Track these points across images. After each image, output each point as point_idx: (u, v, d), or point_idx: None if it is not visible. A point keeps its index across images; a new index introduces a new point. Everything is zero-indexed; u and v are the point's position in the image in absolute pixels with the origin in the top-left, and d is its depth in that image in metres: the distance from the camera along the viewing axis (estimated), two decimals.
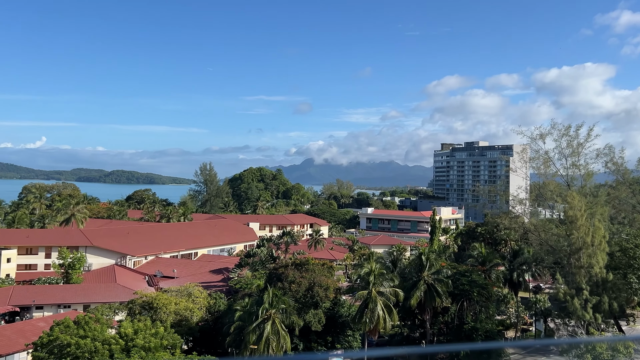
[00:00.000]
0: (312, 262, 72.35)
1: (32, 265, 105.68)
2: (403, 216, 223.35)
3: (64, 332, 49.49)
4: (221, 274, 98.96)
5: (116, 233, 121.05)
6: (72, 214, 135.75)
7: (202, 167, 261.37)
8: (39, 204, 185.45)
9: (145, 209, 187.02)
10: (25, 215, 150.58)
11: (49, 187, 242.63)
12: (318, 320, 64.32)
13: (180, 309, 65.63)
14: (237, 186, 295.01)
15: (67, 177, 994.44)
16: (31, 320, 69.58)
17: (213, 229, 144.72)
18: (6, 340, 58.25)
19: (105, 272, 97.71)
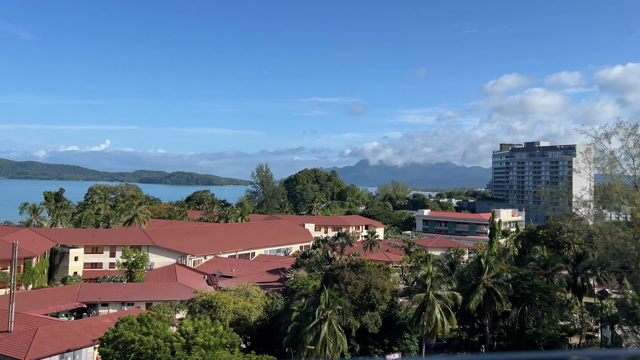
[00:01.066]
0: (368, 264, 72.09)
1: (97, 263, 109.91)
2: (461, 218, 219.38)
3: (128, 328, 51.22)
4: (278, 274, 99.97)
5: (177, 233, 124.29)
6: (135, 215, 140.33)
7: (258, 168, 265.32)
8: (103, 204, 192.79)
9: (204, 209, 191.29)
10: (91, 216, 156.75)
11: (113, 189, 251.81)
12: (375, 323, 64.02)
13: (239, 308, 66.69)
14: (293, 187, 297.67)
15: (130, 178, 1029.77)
16: (97, 317, 72.33)
17: (270, 230, 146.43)
18: (75, 335, 60.75)
19: (167, 271, 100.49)
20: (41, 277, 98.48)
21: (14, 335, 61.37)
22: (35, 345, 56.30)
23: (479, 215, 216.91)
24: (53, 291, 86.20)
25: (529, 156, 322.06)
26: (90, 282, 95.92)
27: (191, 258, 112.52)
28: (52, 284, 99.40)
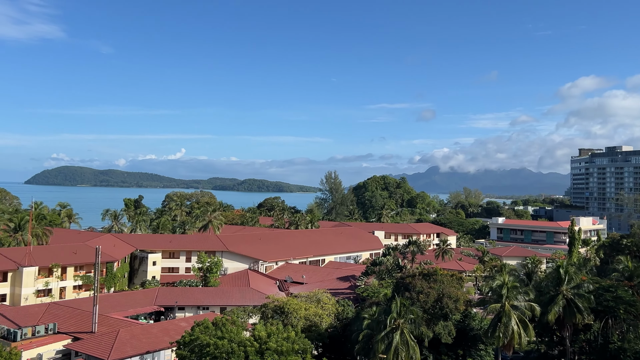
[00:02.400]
0: (440, 273, 70.69)
1: (174, 268, 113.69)
2: (538, 226, 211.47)
3: (203, 332, 52.56)
4: (348, 282, 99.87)
5: (249, 239, 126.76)
6: (209, 221, 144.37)
7: (327, 175, 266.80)
8: (179, 211, 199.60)
9: (275, 216, 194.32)
10: (168, 222, 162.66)
11: (189, 195, 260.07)
12: (448, 333, 62.66)
13: (310, 314, 67.07)
14: (362, 194, 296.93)
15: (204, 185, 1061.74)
16: (174, 320, 74.66)
17: (339, 237, 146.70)
18: (153, 338, 62.96)
19: (240, 276, 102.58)
20: (122, 280, 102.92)
21: (97, 336, 64.39)
22: (117, 346, 58.76)
23: (557, 224, 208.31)
24: (133, 294, 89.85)
25: (610, 161, 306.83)
26: (168, 286, 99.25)
27: (263, 264, 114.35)
28: (132, 287, 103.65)
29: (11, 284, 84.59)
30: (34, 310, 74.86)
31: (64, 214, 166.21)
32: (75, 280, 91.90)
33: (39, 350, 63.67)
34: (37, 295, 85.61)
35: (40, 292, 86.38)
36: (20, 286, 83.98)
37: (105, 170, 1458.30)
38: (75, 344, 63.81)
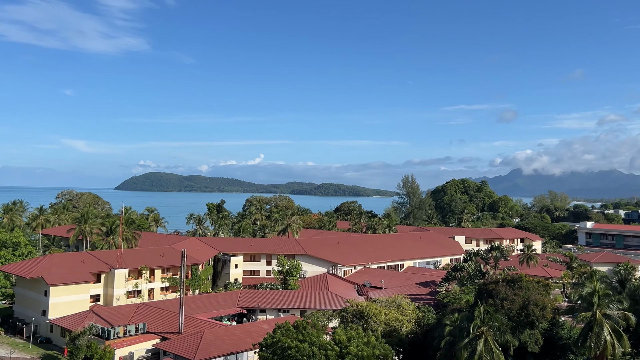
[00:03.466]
0: (525, 279, 68.12)
1: (255, 271, 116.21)
2: (631, 231, 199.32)
3: (285, 335, 53.33)
4: (428, 287, 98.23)
5: (327, 243, 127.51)
6: (288, 224, 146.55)
7: (404, 179, 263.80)
8: (259, 215, 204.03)
9: (352, 220, 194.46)
10: (249, 225, 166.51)
11: (268, 200, 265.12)
12: (535, 341, 60.26)
13: (390, 319, 66.53)
14: (440, 198, 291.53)
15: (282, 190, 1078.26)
16: (256, 322, 76.28)
17: (418, 241, 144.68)
18: (236, 339, 64.60)
19: (319, 279, 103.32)
20: (206, 283, 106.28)
21: (184, 336, 66.87)
22: (202, 346, 60.72)
23: None
24: (216, 296, 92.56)
25: None
26: (249, 288, 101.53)
27: (341, 268, 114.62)
28: (216, 289, 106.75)
29: (104, 285, 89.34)
30: (125, 310, 78.74)
31: (152, 218, 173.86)
32: (163, 282, 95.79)
33: (130, 349, 66.86)
34: (127, 296, 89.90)
35: (130, 293, 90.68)
36: (112, 287, 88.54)
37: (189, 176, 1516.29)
38: (163, 343, 66.53)
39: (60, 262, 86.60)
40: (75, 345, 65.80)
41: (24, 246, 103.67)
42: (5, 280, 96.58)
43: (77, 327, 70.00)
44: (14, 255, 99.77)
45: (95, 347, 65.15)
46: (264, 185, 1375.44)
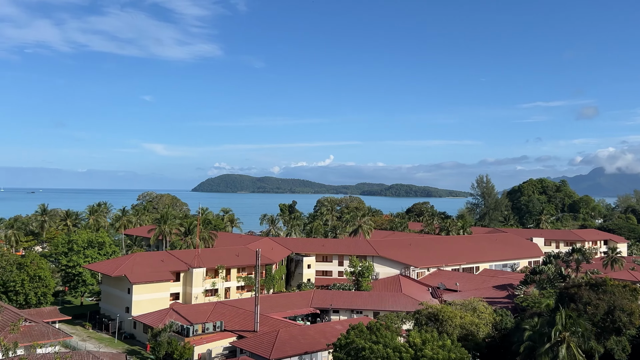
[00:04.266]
0: (610, 283, 64.87)
1: (327, 271, 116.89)
2: None
3: (358, 336, 53.31)
4: (505, 290, 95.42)
5: (399, 244, 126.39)
6: (359, 225, 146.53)
7: (478, 179, 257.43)
8: (330, 215, 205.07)
9: (424, 221, 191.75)
10: (320, 226, 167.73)
11: (338, 201, 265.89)
12: (622, 349, 57.35)
13: (466, 323, 65.11)
14: (517, 199, 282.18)
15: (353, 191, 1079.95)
16: (329, 323, 76.71)
17: (494, 243, 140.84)
18: (310, 339, 65.20)
19: (391, 281, 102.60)
20: (280, 282, 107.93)
21: (259, 335, 68.19)
22: (277, 345, 61.70)
23: None
24: (290, 296, 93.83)
25: None
26: (322, 289, 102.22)
27: (414, 270, 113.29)
28: (289, 289, 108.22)
29: (183, 283, 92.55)
30: (203, 308, 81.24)
31: (227, 219, 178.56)
32: (239, 281, 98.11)
33: (208, 346, 68.92)
34: (205, 295, 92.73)
35: (208, 291, 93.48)
36: (191, 286, 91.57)
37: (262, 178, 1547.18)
38: (239, 341, 68.13)
39: (142, 261, 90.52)
40: (157, 342, 68.56)
41: (109, 246, 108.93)
42: (92, 278, 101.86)
43: (159, 324, 72.93)
44: (99, 254, 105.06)
45: (175, 343, 67.62)
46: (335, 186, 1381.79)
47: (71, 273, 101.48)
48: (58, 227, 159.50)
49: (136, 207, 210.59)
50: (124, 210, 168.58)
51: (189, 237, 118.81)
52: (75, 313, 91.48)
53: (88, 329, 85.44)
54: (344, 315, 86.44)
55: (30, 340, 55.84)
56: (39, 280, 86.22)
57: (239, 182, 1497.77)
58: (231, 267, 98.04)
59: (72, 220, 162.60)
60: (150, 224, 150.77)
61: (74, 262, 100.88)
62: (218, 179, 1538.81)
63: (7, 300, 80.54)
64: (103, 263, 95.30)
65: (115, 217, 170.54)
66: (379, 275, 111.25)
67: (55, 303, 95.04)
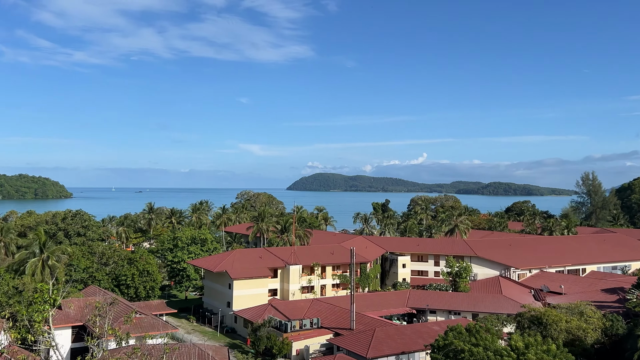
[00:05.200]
0: None
1: (423, 271, 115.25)
2: None
3: (457, 337, 52.08)
4: (615, 294, 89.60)
5: (498, 244, 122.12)
6: (455, 225, 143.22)
7: (583, 176, 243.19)
8: (425, 214, 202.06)
9: (525, 221, 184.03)
10: (415, 225, 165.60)
11: (433, 199, 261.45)
12: None
13: (572, 327, 61.93)
14: (627, 197, 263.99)
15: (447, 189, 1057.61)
16: (426, 323, 75.62)
17: (602, 244, 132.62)
18: (407, 339, 64.57)
19: (490, 282, 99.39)
20: (375, 281, 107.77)
21: (355, 333, 68.45)
22: (374, 344, 61.64)
23: None
24: (385, 295, 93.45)
25: None
26: (418, 289, 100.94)
27: (515, 271, 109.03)
28: (384, 288, 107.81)
29: (280, 280, 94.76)
30: (300, 305, 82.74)
31: (321, 217, 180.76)
32: (334, 278, 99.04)
33: (306, 342, 70.11)
34: (301, 292, 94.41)
35: (304, 288, 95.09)
36: (288, 282, 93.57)
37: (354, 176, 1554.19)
38: (336, 339, 68.72)
39: (242, 258, 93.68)
40: (256, 336, 70.67)
41: (210, 242, 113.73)
42: (195, 274, 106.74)
43: (258, 319, 75.11)
44: (202, 250, 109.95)
45: (274, 338, 69.35)
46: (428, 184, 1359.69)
47: (176, 268, 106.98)
48: (164, 224, 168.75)
49: (235, 206, 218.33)
50: (223, 209, 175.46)
51: (285, 234, 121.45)
52: (181, 307, 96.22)
53: (192, 322, 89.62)
54: (441, 316, 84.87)
55: (141, 331, 59.48)
56: (147, 274, 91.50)
57: (331, 181, 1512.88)
58: (326, 265, 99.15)
59: (177, 218, 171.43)
60: (249, 222, 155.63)
61: (178, 258, 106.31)
62: (311, 178, 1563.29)
63: (119, 293, 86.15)
64: (205, 259, 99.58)
65: (215, 214, 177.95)
66: (477, 276, 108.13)
67: (162, 297, 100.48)
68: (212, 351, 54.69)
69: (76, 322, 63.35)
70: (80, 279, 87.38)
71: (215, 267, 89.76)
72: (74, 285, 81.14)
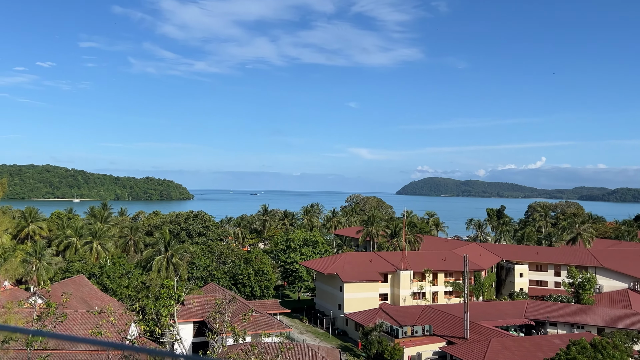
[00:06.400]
0: None
1: (542, 281, 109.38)
2: None
3: (580, 353, 48.92)
4: None
5: (627, 255, 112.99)
6: (578, 233, 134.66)
7: None
8: (544, 222, 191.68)
9: None
10: (533, 233, 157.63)
11: (552, 206, 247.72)
12: None
13: None
14: None
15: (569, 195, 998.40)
16: (546, 336, 71.58)
17: None
18: (525, 351, 61.54)
19: (618, 295, 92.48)
20: (489, 290, 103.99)
21: (469, 342, 66.43)
22: (489, 355, 59.44)
23: None
24: (501, 305, 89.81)
25: None
26: (536, 299, 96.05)
27: None
28: (500, 297, 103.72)
29: (391, 284, 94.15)
30: (412, 311, 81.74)
31: (432, 222, 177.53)
32: (446, 286, 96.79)
33: (417, 349, 69.14)
34: (413, 297, 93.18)
35: (415, 294, 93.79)
36: (398, 287, 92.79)
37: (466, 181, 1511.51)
38: (449, 347, 67.13)
39: (352, 261, 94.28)
40: (368, 340, 70.73)
41: (321, 245, 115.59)
42: (307, 275, 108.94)
43: (369, 323, 75.18)
44: (313, 252, 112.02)
45: (385, 343, 69.01)
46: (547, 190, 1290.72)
47: (289, 269, 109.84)
48: (277, 225, 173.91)
49: (345, 209, 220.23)
50: (334, 212, 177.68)
51: (395, 239, 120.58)
52: (293, 307, 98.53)
53: (305, 323, 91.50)
54: (562, 329, 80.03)
55: (256, 329, 61.69)
56: (262, 274, 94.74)
57: (442, 186, 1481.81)
58: (438, 271, 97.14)
59: (289, 220, 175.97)
60: (358, 225, 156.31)
61: (291, 259, 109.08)
62: (421, 182, 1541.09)
63: (236, 291, 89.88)
64: (317, 261, 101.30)
65: (326, 217, 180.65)
66: (603, 288, 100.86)
67: (276, 296, 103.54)
68: (324, 352, 55.47)
69: (197, 317, 66.89)
70: (201, 276, 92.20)
71: (326, 269, 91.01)
72: (195, 282, 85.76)
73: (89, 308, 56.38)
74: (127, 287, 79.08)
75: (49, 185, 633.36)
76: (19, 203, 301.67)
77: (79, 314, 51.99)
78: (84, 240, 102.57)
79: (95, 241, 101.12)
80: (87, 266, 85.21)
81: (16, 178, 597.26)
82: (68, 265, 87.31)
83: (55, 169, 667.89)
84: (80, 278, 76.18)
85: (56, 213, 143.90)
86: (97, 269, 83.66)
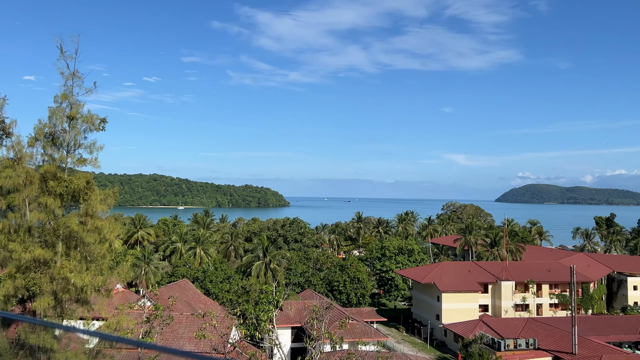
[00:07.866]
0: None
1: None
2: None
3: None
4: None
5: None
6: None
7: None
8: None
9: None
10: None
11: None
12: None
13: None
14: None
15: None
16: None
17: None
18: None
19: None
20: (600, 303, 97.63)
21: (578, 358, 62.58)
22: None
23: None
24: (613, 319, 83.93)
25: None
26: None
27: None
28: (612, 311, 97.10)
29: (491, 295, 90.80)
30: (514, 323, 78.28)
31: (535, 231, 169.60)
32: (551, 298, 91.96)
33: None
34: (515, 309, 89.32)
35: (518, 306, 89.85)
36: (499, 298, 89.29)
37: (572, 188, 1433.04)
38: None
39: (450, 270, 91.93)
40: (468, 352, 68.56)
41: (417, 253, 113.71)
42: (403, 283, 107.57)
43: (469, 334, 72.86)
44: (409, 261, 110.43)
45: (487, 356, 66.57)
46: None
47: (384, 277, 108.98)
48: (371, 233, 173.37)
49: (441, 217, 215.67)
50: (429, 220, 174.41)
51: (495, 248, 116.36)
52: (390, 315, 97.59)
53: (402, 332, 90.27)
54: None
55: (353, 336, 61.51)
56: (358, 282, 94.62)
57: (545, 193, 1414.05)
58: (542, 283, 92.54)
59: (383, 228, 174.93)
60: (455, 234, 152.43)
61: (386, 267, 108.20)
62: (522, 189, 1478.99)
63: (332, 298, 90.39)
64: (413, 270, 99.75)
65: (421, 225, 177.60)
66: None
67: (372, 304, 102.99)
68: None
69: (295, 323, 67.89)
70: (298, 282, 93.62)
71: (423, 279, 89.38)
72: (293, 288, 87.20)
73: (193, 311, 58.82)
74: (228, 291, 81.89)
75: (156, 193, 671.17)
76: (129, 210, 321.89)
77: (183, 317, 54.37)
78: (188, 245, 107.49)
79: (198, 247, 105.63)
80: (191, 271, 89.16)
81: (126, 187, 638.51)
82: (174, 269, 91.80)
83: (162, 177, 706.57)
84: (185, 282, 79.80)
85: (162, 220, 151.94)
86: (200, 273, 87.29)
